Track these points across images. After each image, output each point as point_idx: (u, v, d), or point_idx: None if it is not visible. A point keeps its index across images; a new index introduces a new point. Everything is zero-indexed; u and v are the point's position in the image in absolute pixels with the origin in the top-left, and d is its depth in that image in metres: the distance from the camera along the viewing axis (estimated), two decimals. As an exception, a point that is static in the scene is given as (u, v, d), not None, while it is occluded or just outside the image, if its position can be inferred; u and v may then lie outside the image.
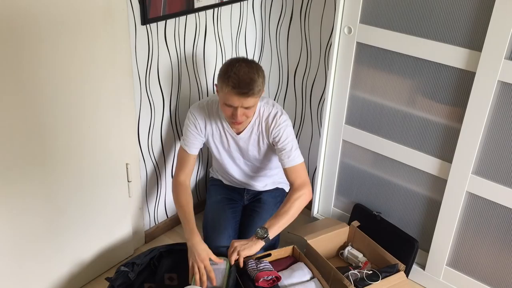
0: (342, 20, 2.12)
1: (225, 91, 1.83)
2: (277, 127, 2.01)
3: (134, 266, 1.95)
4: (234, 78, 1.80)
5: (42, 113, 1.73)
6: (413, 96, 2.06)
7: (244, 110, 1.88)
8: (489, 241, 2.01)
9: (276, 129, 2.02)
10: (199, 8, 2.16)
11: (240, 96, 1.82)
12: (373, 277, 2.02)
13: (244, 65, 1.84)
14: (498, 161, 1.88)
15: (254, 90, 1.82)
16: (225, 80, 1.82)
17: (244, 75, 1.81)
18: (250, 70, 1.83)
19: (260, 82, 1.85)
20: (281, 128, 2.01)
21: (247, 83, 1.80)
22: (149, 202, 2.38)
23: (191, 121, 2.08)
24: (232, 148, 2.13)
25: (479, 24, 1.77)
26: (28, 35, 1.59)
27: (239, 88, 1.80)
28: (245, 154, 2.15)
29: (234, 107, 1.86)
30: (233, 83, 1.80)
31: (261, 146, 2.10)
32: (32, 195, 1.81)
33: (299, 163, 2.04)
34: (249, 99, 1.84)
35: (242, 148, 2.12)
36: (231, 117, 1.91)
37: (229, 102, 1.85)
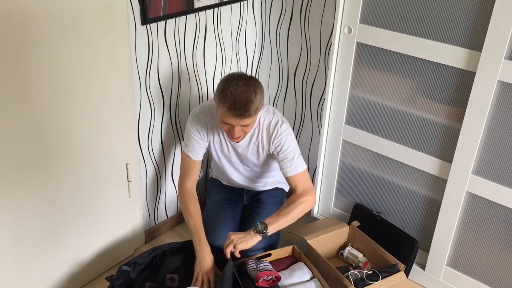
0: (342, 20, 2.12)
1: (222, 110, 1.81)
2: (278, 136, 1.98)
3: (136, 266, 1.95)
4: (230, 99, 1.76)
5: (42, 113, 1.73)
6: (413, 96, 2.06)
7: (242, 127, 1.87)
8: (489, 241, 2.01)
9: (277, 139, 1.98)
10: (199, 8, 2.16)
11: (236, 117, 1.79)
12: (373, 277, 2.02)
13: (241, 84, 1.79)
14: (498, 161, 1.88)
15: (250, 111, 1.78)
16: (221, 99, 1.79)
17: (240, 95, 1.76)
18: (247, 89, 1.78)
19: (257, 101, 1.80)
20: (282, 138, 1.98)
21: (244, 104, 1.76)
22: (149, 202, 2.38)
23: (194, 127, 2.05)
24: (232, 154, 2.13)
25: (479, 24, 1.77)
26: (28, 35, 1.59)
27: (235, 110, 1.77)
28: (243, 161, 2.15)
29: (231, 125, 1.85)
30: (229, 104, 1.76)
31: (260, 154, 2.09)
32: (32, 195, 1.81)
33: (302, 171, 2.00)
34: (245, 119, 1.81)
35: (241, 155, 2.12)
36: (228, 133, 1.90)
37: (226, 121, 1.83)
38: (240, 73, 1.87)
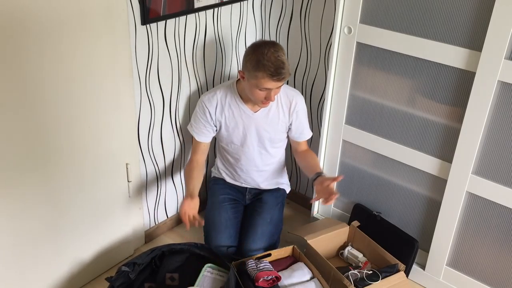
0: (342, 20, 2.12)
1: (261, 78, 1.91)
2: (300, 104, 2.18)
3: (135, 266, 1.95)
4: (270, 66, 1.89)
5: (42, 113, 1.73)
6: (413, 96, 2.06)
7: (277, 90, 2.00)
8: (489, 241, 2.01)
9: (299, 106, 2.17)
10: (199, 8, 2.16)
11: (277, 81, 1.93)
12: (373, 277, 2.02)
13: (272, 50, 1.92)
14: (498, 161, 1.88)
15: (287, 72, 1.94)
16: (260, 68, 1.90)
17: (276, 60, 1.90)
18: (279, 54, 1.92)
19: (287, 61, 1.96)
20: (303, 106, 2.20)
21: (282, 67, 1.91)
22: (149, 202, 2.38)
23: (201, 109, 2.14)
24: (248, 130, 2.16)
25: (479, 24, 1.77)
26: (28, 35, 1.60)
27: (277, 75, 1.90)
28: (260, 136, 2.18)
29: (268, 90, 1.96)
30: (270, 71, 1.89)
31: (279, 125, 2.18)
32: (32, 195, 1.81)
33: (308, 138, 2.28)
34: (283, 80, 1.96)
35: (259, 128, 2.16)
36: (265, 99, 2.00)
37: (265, 86, 1.94)
38: (261, 40, 2.06)
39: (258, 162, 2.24)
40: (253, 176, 2.29)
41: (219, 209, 2.23)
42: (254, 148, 2.19)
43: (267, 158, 2.25)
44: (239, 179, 2.32)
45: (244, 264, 2.00)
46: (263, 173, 2.29)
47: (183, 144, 2.41)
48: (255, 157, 2.22)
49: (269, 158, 2.25)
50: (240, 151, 2.21)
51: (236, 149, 2.21)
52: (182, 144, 2.41)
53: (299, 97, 2.18)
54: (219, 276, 1.95)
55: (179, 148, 2.40)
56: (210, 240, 2.17)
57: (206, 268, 1.96)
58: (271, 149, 2.23)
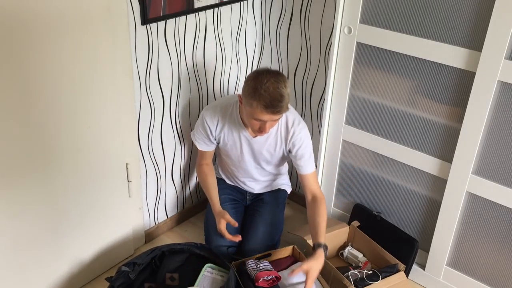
0: (342, 20, 2.12)
1: (256, 108, 1.80)
2: (296, 134, 2.02)
3: (135, 266, 1.95)
4: (266, 97, 1.76)
5: (42, 114, 1.73)
6: (413, 96, 2.06)
7: (272, 123, 1.89)
8: (489, 241, 2.01)
9: (295, 136, 2.02)
10: (199, 8, 2.16)
11: (271, 114, 1.81)
12: (373, 277, 2.02)
13: (273, 80, 1.79)
14: (498, 161, 1.88)
15: (284, 107, 1.81)
16: (255, 97, 1.78)
17: (274, 91, 1.77)
18: (279, 85, 1.79)
19: (287, 95, 1.82)
20: (301, 136, 2.03)
21: (279, 100, 1.78)
22: (149, 202, 2.38)
23: (202, 124, 2.10)
24: (245, 151, 2.13)
25: (479, 24, 1.77)
26: (28, 35, 1.59)
27: (271, 108, 1.78)
28: (256, 157, 2.15)
29: (263, 121, 1.85)
30: (265, 102, 1.77)
31: (276, 150, 2.09)
32: (32, 195, 1.81)
33: (313, 171, 2.07)
34: (280, 115, 1.84)
35: (256, 151, 2.12)
36: (259, 130, 1.89)
37: (259, 118, 1.83)
38: (266, 68, 1.88)
39: (255, 175, 2.25)
40: (251, 185, 2.30)
41: (220, 209, 2.23)
42: (251, 164, 2.19)
43: (264, 173, 2.25)
44: (238, 185, 2.33)
45: (244, 264, 2.00)
46: (261, 182, 2.30)
47: (183, 144, 2.41)
48: (252, 172, 2.23)
49: (266, 173, 2.25)
50: (237, 165, 2.22)
51: (233, 163, 2.22)
52: (182, 144, 2.41)
53: (299, 127, 2.03)
54: (219, 276, 1.95)
55: (179, 148, 2.40)
56: (210, 240, 2.17)
57: (206, 268, 1.96)
58: (268, 167, 2.22)
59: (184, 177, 2.51)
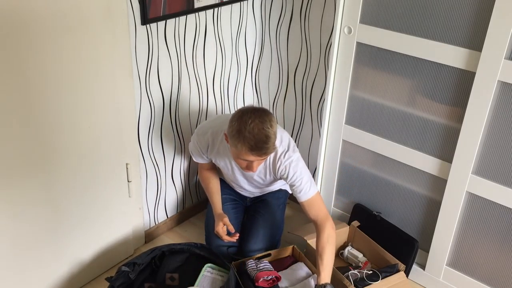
0: (342, 20, 2.12)
1: (241, 150, 1.75)
2: (282, 165, 1.95)
3: (135, 266, 1.95)
4: (250, 139, 1.71)
5: (42, 114, 1.73)
6: (413, 96, 2.06)
7: (260, 162, 1.85)
8: (489, 241, 2.01)
9: (281, 168, 1.96)
10: (199, 8, 2.16)
11: (257, 156, 1.76)
12: (373, 277, 2.02)
13: (258, 121, 1.72)
14: (498, 161, 1.88)
15: (270, 148, 1.75)
16: (240, 140, 1.73)
17: (259, 133, 1.71)
18: (264, 126, 1.72)
19: (274, 135, 1.76)
20: (286, 166, 1.94)
21: (264, 141, 1.72)
22: (149, 202, 2.38)
23: (194, 144, 2.11)
24: (237, 174, 2.13)
25: (479, 24, 1.77)
26: (28, 35, 1.59)
27: (257, 150, 1.73)
28: (249, 179, 2.15)
29: (249, 161, 1.81)
30: (249, 144, 1.72)
31: (267, 177, 2.08)
32: (32, 194, 1.81)
33: (313, 195, 1.96)
34: (266, 155, 1.78)
35: (247, 175, 2.12)
36: (246, 168, 1.86)
37: (245, 158, 1.79)
38: (251, 107, 1.81)
39: (250, 190, 2.26)
40: (247, 194, 2.32)
41: (220, 210, 2.23)
42: (244, 183, 2.19)
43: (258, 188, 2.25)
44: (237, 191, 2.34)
45: (244, 264, 2.00)
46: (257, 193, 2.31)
47: (183, 144, 2.41)
48: (246, 187, 2.24)
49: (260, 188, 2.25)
50: (231, 180, 2.22)
51: (228, 177, 2.22)
52: (182, 144, 2.41)
53: (284, 158, 1.94)
54: (219, 276, 1.95)
55: (179, 148, 2.40)
56: (210, 240, 2.17)
57: (206, 268, 1.96)
58: (263, 186, 2.22)
59: (184, 177, 2.51)
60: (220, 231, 2.09)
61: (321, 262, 1.87)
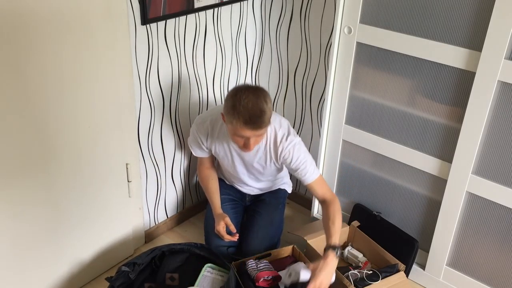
0: (342, 20, 2.12)
1: (236, 125, 1.77)
2: (285, 149, 1.97)
3: (135, 266, 1.95)
4: (245, 113, 1.74)
5: (41, 114, 1.73)
6: (413, 96, 2.06)
7: (257, 138, 1.85)
8: (489, 241, 2.01)
9: (284, 152, 1.97)
10: (199, 8, 2.16)
11: (252, 129, 1.77)
12: (373, 277, 2.02)
13: (252, 96, 1.76)
14: (498, 161, 1.88)
15: (265, 121, 1.78)
16: (234, 115, 1.75)
17: (253, 107, 1.74)
18: (258, 100, 1.76)
19: (269, 110, 1.79)
20: (290, 150, 1.96)
21: (258, 116, 1.75)
22: (149, 202, 2.38)
23: (193, 135, 2.11)
24: (236, 162, 2.12)
25: (479, 24, 1.77)
26: (28, 35, 1.59)
27: (251, 123, 1.75)
28: (249, 168, 2.15)
29: (246, 137, 1.82)
30: (244, 118, 1.74)
31: (267, 163, 2.08)
32: (32, 195, 1.81)
33: (319, 175, 2.00)
34: (261, 130, 1.80)
35: (247, 162, 2.11)
36: (243, 146, 1.86)
37: (241, 134, 1.80)
38: (246, 85, 1.85)
39: (251, 184, 2.26)
40: (248, 190, 2.31)
41: (220, 209, 2.23)
42: (244, 174, 2.19)
43: (258, 180, 2.25)
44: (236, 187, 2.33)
45: (244, 264, 2.00)
46: (257, 189, 2.30)
47: (183, 144, 2.41)
48: (247, 181, 2.23)
49: (260, 181, 2.25)
50: (231, 172, 2.22)
51: (227, 170, 2.22)
52: (182, 144, 2.41)
53: (287, 142, 1.97)
54: (219, 276, 1.95)
55: (179, 148, 2.40)
56: (210, 240, 2.17)
57: (206, 268, 1.96)
58: (263, 178, 2.21)
59: (184, 177, 2.51)
60: (221, 230, 2.08)
61: (333, 226, 1.90)
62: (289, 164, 1.99)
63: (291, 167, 2.00)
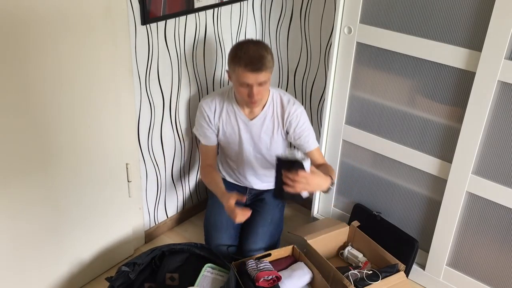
0: (342, 20, 2.12)
1: (238, 71, 1.90)
2: (292, 113, 2.08)
3: (135, 266, 1.95)
4: (245, 58, 1.87)
5: (42, 114, 1.73)
6: (413, 96, 2.06)
7: (259, 88, 1.94)
8: (489, 241, 2.01)
9: (291, 116, 2.08)
10: (199, 8, 2.16)
11: (253, 72, 1.88)
12: (373, 277, 2.02)
13: (252, 45, 1.92)
14: (498, 161, 1.88)
15: (266, 65, 1.90)
16: (236, 61, 1.90)
17: (254, 52, 1.88)
18: (258, 47, 1.91)
19: (269, 57, 1.93)
20: (297, 114, 2.08)
21: (258, 58, 1.88)
22: (149, 202, 2.38)
23: (201, 114, 2.15)
24: (244, 138, 2.15)
25: (479, 24, 1.77)
26: (28, 35, 1.59)
27: (251, 65, 1.87)
28: (256, 143, 2.17)
29: (249, 86, 1.92)
30: (245, 62, 1.87)
31: (274, 133, 2.13)
32: (32, 195, 1.81)
33: (317, 146, 2.16)
34: (262, 74, 1.90)
35: (254, 136, 2.14)
36: (248, 96, 1.96)
37: (244, 80, 1.90)
38: (248, 38, 2.00)
39: (255, 167, 2.25)
40: (252, 179, 2.30)
41: (220, 209, 2.23)
42: (250, 153, 2.19)
43: (264, 163, 2.25)
44: (238, 180, 2.33)
45: (244, 264, 2.00)
46: (261, 176, 2.29)
47: (183, 144, 2.41)
48: (252, 162, 2.23)
49: (266, 163, 2.25)
50: (237, 156, 2.22)
51: (234, 152, 2.22)
52: (182, 144, 2.41)
53: (294, 106, 2.08)
54: (219, 276, 1.95)
55: (179, 148, 2.40)
56: (210, 240, 2.17)
57: (206, 268, 1.96)
58: (268, 156, 2.22)
59: (184, 177, 2.51)
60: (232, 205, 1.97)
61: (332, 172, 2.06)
62: (294, 129, 2.09)
63: (295, 132, 2.10)
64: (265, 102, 2.09)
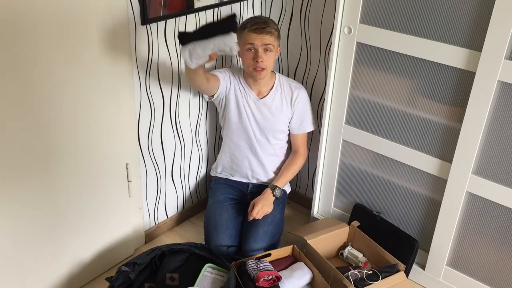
0: (342, 20, 2.12)
1: (244, 35, 2.02)
2: (302, 91, 2.27)
3: (135, 266, 1.95)
4: (251, 22, 2.04)
5: (41, 114, 1.73)
6: (413, 96, 2.06)
7: (265, 55, 2.05)
8: (489, 241, 2.01)
9: (302, 93, 2.26)
10: (199, 8, 2.16)
11: (259, 33, 2.02)
12: (373, 277, 2.02)
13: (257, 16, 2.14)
14: (498, 161, 1.88)
15: (271, 27, 2.04)
16: (242, 29, 2.03)
17: (259, 18, 2.07)
18: (263, 16, 2.12)
19: (275, 26, 2.08)
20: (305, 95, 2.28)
21: (263, 21, 2.04)
22: (149, 202, 2.38)
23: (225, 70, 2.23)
24: (250, 118, 2.21)
25: (479, 24, 1.77)
26: (28, 35, 1.60)
27: (256, 25, 2.01)
28: (262, 123, 2.22)
29: (255, 49, 2.04)
30: (250, 24, 2.02)
31: (283, 111, 2.23)
32: (32, 195, 1.81)
33: (308, 131, 2.34)
34: (267, 36, 2.04)
35: (263, 114, 2.21)
36: (253, 60, 2.05)
37: (250, 41, 2.02)
38: None
39: (259, 151, 2.26)
40: (255, 169, 2.30)
41: (220, 209, 2.23)
42: (255, 133, 2.23)
43: (267, 148, 2.26)
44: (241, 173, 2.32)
45: (244, 264, 2.00)
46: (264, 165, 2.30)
47: (183, 144, 2.41)
48: (255, 144, 2.25)
49: (269, 148, 2.27)
50: (241, 134, 2.24)
51: (237, 131, 2.24)
52: (182, 144, 2.41)
53: (302, 90, 2.27)
54: (219, 276, 1.95)
55: (179, 148, 2.40)
56: (210, 240, 2.17)
57: (206, 268, 1.96)
58: (272, 139, 2.27)
59: (184, 177, 2.51)
60: None
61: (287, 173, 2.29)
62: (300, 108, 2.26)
63: (299, 112, 2.26)
64: (273, 84, 2.22)
